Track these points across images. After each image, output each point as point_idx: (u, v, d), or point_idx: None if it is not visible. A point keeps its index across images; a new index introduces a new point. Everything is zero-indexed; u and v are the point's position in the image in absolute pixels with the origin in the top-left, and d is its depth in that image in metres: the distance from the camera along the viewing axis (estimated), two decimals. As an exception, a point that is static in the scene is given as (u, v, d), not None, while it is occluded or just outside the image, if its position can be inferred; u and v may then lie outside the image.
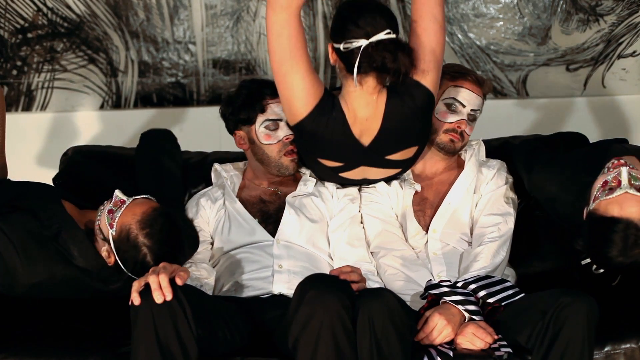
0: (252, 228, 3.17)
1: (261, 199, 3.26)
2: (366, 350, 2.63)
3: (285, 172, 3.23)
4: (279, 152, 3.21)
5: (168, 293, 2.65)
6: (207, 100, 4.32)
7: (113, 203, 2.95)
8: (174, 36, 4.31)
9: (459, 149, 3.26)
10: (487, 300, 2.92)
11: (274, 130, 3.20)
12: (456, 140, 3.23)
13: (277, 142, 3.20)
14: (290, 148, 3.20)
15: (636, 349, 2.86)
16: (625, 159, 2.88)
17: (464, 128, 3.22)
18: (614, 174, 2.82)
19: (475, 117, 3.26)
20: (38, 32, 4.26)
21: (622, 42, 4.36)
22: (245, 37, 4.31)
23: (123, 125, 4.28)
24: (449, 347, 2.83)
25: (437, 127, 3.23)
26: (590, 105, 4.39)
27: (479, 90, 3.26)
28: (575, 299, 2.71)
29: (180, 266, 2.79)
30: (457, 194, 3.22)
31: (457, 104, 3.23)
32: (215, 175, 3.36)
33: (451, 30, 4.33)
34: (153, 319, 2.65)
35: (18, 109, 4.32)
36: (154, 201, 2.96)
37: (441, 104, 3.23)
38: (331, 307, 2.61)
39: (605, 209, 2.79)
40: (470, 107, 3.23)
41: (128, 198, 2.94)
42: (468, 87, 3.24)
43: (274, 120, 3.19)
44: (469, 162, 3.27)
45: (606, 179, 2.83)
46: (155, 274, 2.68)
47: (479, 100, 3.25)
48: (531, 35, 4.35)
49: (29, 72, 4.29)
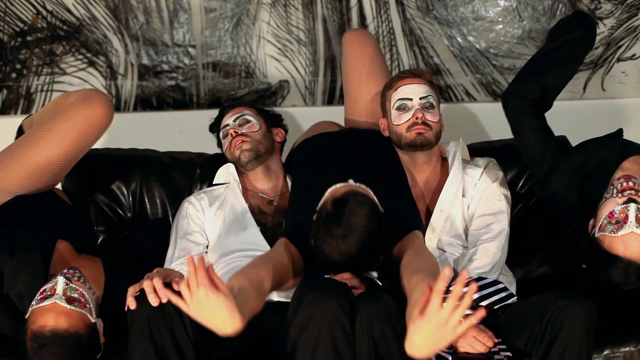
0: (252, 234, 3.17)
1: (260, 209, 3.26)
2: (365, 353, 2.63)
3: (244, 164, 3.27)
4: (230, 150, 3.28)
5: (163, 295, 2.66)
6: (207, 104, 4.31)
7: (49, 289, 2.76)
8: (174, 39, 4.30)
9: (432, 137, 3.23)
10: (480, 303, 2.91)
11: (227, 136, 3.32)
12: (423, 131, 3.21)
13: (227, 143, 3.29)
14: (237, 140, 3.25)
15: (635, 352, 2.86)
16: (633, 177, 2.86)
17: (423, 116, 3.20)
18: (622, 206, 2.81)
19: (431, 103, 3.24)
20: (37, 35, 4.26)
21: (621, 45, 4.36)
22: (245, 40, 4.31)
23: (123, 129, 4.27)
24: (448, 351, 2.82)
25: (399, 131, 3.22)
26: (589, 108, 4.39)
27: (419, 80, 3.26)
28: (573, 302, 2.72)
29: (175, 271, 2.80)
30: (447, 200, 3.21)
31: (404, 101, 3.23)
32: (224, 173, 3.36)
33: (450, 33, 4.33)
34: (148, 323, 2.66)
35: (17, 112, 4.31)
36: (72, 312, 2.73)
37: (393, 112, 3.24)
38: (330, 310, 2.61)
39: (610, 245, 2.81)
40: (418, 95, 3.23)
41: (51, 297, 2.71)
42: (406, 83, 3.25)
43: (224, 126, 3.32)
44: (453, 167, 3.25)
45: (613, 210, 2.81)
46: (149, 279, 2.69)
47: (423, 87, 3.24)
48: (530, 39, 4.35)
49: (28, 75, 4.29)
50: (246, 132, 3.25)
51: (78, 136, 3.15)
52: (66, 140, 3.14)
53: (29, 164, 3.13)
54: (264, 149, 3.25)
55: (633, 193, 2.81)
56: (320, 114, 4.12)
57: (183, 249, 3.16)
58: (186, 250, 3.15)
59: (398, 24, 4.32)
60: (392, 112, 3.24)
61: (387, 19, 4.32)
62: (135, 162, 3.60)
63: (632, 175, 2.87)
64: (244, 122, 3.26)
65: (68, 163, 3.19)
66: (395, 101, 3.23)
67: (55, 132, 3.13)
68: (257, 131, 3.25)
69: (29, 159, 3.13)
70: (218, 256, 3.16)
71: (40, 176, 3.14)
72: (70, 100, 3.22)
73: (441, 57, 4.35)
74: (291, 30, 4.32)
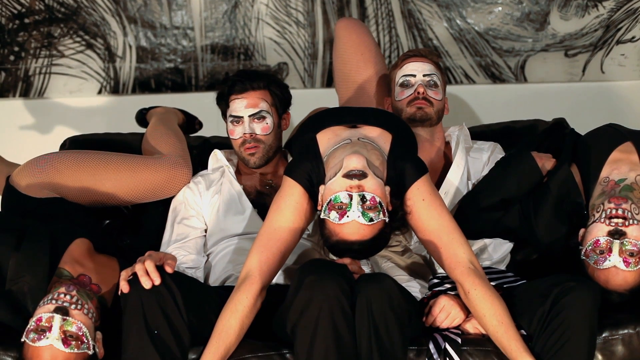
0: (249, 217, 3.17)
1: (257, 190, 3.25)
2: (365, 334, 2.63)
3: (249, 165, 3.23)
4: (240, 147, 3.21)
5: (156, 277, 2.67)
6: (206, 86, 4.31)
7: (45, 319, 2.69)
8: (172, 21, 4.29)
9: (432, 113, 3.23)
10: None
11: (237, 124, 3.20)
12: (424, 106, 3.21)
13: (238, 137, 3.20)
14: (250, 145, 3.19)
15: (634, 335, 2.86)
16: (624, 203, 2.83)
17: (424, 91, 3.21)
18: (607, 238, 2.80)
19: (435, 81, 3.24)
20: (35, 17, 4.25)
21: (621, 27, 4.35)
22: (244, 22, 4.30)
23: (121, 111, 4.27)
24: (457, 333, 2.83)
25: (400, 106, 3.23)
26: (588, 91, 4.39)
27: (424, 59, 3.27)
28: (578, 285, 2.72)
29: (167, 254, 2.80)
30: (452, 183, 3.21)
31: (407, 78, 3.23)
32: (214, 160, 3.35)
33: (450, 15, 4.32)
34: (142, 305, 2.67)
35: (15, 94, 4.30)
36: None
37: (397, 88, 3.24)
38: (330, 292, 2.61)
39: (593, 273, 2.83)
40: (422, 73, 3.23)
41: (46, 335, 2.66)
42: (412, 61, 3.26)
43: (236, 117, 3.19)
44: (458, 151, 3.25)
45: (598, 239, 2.81)
46: (141, 262, 2.70)
47: (428, 66, 3.25)
48: (530, 21, 4.34)
49: (26, 57, 4.28)
50: (260, 135, 3.18)
51: (149, 191, 3.22)
52: (138, 189, 3.20)
53: (94, 184, 3.18)
54: (273, 152, 3.23)
55: (620, 223, 2.81)
56: (319, 96, 4.11)
57: (180, 233, 3.15)
58: (183, 235, 3.14)
59: (397, 6, 4.31)
60: (396, 89, 3.25)
61: (386, 1, 4.31)
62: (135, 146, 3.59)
63: (623, 200, 2.85)
64: (259, 118, 3.19)
65: (120, 203, 3.25)
66: (399, 78, 3.24)
67: (135, 177, 3.20)
68: (270, 133, 3.20)
69: (98, 180, 3.18)
70: (217, 240, 3.16)
71: (92, 197, 3.19)
72: (166, 150, 3.30)
73: (440, 39, 4.34)
74: (290, 13, 4.31)
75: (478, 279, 2.74)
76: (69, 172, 3.17)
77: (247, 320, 2.74)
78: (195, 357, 2.78)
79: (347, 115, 3.08)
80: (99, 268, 2.90)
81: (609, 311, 2.84)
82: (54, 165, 3.17)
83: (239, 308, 2.73)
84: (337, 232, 2.72)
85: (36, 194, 3.11)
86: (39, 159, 3.20)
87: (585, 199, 2.97)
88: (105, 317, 2.83)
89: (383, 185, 2.78)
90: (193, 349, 2.77)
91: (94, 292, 2.83)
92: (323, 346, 2.61)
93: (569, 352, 2.67)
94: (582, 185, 2.99)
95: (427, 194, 2.85)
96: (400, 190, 2.85)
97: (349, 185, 2.72)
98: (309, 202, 2.87)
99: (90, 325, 2.72)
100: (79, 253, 2.93)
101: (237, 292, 2.75)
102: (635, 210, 2.83)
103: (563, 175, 3.00)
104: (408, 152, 2.98)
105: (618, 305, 2.85)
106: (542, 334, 2.72)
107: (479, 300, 2.72)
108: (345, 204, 2.70)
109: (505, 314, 2.71)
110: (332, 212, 2.71)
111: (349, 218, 2.70)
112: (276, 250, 2.81)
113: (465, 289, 2.75)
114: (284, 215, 2.84)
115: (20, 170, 3.18)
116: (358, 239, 2.71)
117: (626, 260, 2.77)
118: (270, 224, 2.84)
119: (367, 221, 2.69)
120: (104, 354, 2.77)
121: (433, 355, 2.77)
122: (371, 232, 2.71)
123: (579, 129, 3.29)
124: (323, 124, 3.02)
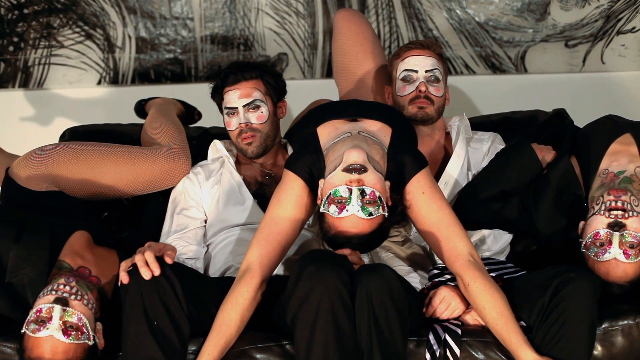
0: (249, 207, 3.17)
1: (257, 180, 3.25)
2: (364, 325, 2.64)
3: (247, 155, 3.23)
4: (237, 138, 3.21)
5: (155, 268, 2.68)
6: (205, 77, 4.30)
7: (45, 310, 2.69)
8: (172, 12, 4.28)
9: (434, 113, 3.23)
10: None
11: (233, 116, 3.20)
12: (425, 105, 3.21)
13: (234, 128, 3.20)
14: (247, 135, 3.19)
15: (633, 326, 2.86)
16: (623, 195, 2.83)
17: (426, 89, 3.20)
18: (607, 230, 2.79)
19: (436, 77, 3.24)
20: (34, 7, 4.24)
21: (621, 18, 4.35)
22: (243, 12, 4.29)
23: (121, 102, 4.26)
24: (457, 324, 2.83)
25: (402, 102, 3.22)
26: (589, 81, 4.38)
27: (427, 52, 3.25)
28: (577, 276, 2.72)
29: (167, 245, 2.81)
30: (452, 173, 3.21)
31: (409, 73, 3.22)
32: (214, 151, 3.35)
33: (450, 6, 4.31)
34: (141, 296, 2.67)
35: (15, 85, 4.30)
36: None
37: (398, 82, 3.23)
38: (330, 283, 2.61)
39: (593, 265, 2.83)
40: (424, 68, 3.22)
41: (46, 326, 2.66)
42: (414, 54, 3.24)
43: (230, 108, 3.20)
44: (458, 141, 3.24)
45: (598, 232, 2.81)
46: (141, 253, 2.70)
47: (430, 60, 3.24)
48: (530, 11, 4.33)
49: (25, 48, 4.27)
50: (256, 124, 3.19)
51: (149, 182, 3.21)
52: (138, 180, 3.20)
53: (93, 176, 3.18)
54: (271, 141, 3.23)
55: (620, 215, 2.81)
56: (319, 86, 4.11)
57: (180, 224, 3.16)
58: (183, 226, 3.15)
59: (403, 16, 4.31)
60: (397, 82, 3.24)
61: (386, -9, 4.30)
62: (135, 137, 3.58)
63: (622, 192, 2.85)
64: (254, 108, 3.19)
65: (119, 194, 3.24)
66: (401, 71, 3.23)
67: (134, 168, 3.20)
68: (266, 121, 3.19)
69: (97, 172, 3.18)
70: (217, 230, 3.16)
71: (91, 189, 3.18)
72: (165, 140, 3.30)
73: (440, 29, 4.33)
74: (290, 3, 4.30)
75: (478, 272, 2.75)
76: (68, 164, 3.17)
77: (247, 313, 2.75)
78: (195, 348, 2.78)
79: (348, 108, 3.08)
80: (98, 260, 2.90)
81: (609, 302, 2.84)
82: (53, 158, 3.16)
83: (239, 301, 2.73)
84: (336, 225, 2.72)
85: (35, 188, 3.10)
86: (38, 151, 3.19)
87: (585, 190, 2.97)
88: (105, 308, 2.84)
89: (383, 179, 2.78)
90: (193, 340, 2.78)
91: (94, 284, 2.83)
92: (323, 337, 2.62)
93: (569, 343, 2.68)
94: (581, 177, 2.99)
95: (427, 187, 2.85)
96: (400, 184, 2.85)
97: (348, 180, 2.72)
98: (310, 195, 2.87)
99: (90, 315, 2.72)
100: (79, 245, 2.93)
101: (237, 285, 2.76)
102: (634, 202, 2.83)
103: (563, 167, 3.00)
104: (408, 146, 2.98)
105: (618, 297, 2.85)
106: (542, 326, 2.72)
107: (479, 292, 2.73)
108: (344, 198, 2.70)
109: (505, 306, 2.71)
110: (331, 205, 2.72)
111: (348, 212, 2.70)
112: (277, 243, 2.81)
113: (465, 281, 2.75)
114: (285, 208, 2.85)
115: (20, 162, 3.18)
116: (357, 233, 2.71)
117: (626, 252, 2.77)
118: (270, 217, 2.85)
119: (366, 215, 2.69)
120: (104, 345, 2.77)
121: (433, 346, 2.77)
122: (370, 226, 2.71)
123: (579, 119, 3.29)
124: (323, 118, 3.03)
